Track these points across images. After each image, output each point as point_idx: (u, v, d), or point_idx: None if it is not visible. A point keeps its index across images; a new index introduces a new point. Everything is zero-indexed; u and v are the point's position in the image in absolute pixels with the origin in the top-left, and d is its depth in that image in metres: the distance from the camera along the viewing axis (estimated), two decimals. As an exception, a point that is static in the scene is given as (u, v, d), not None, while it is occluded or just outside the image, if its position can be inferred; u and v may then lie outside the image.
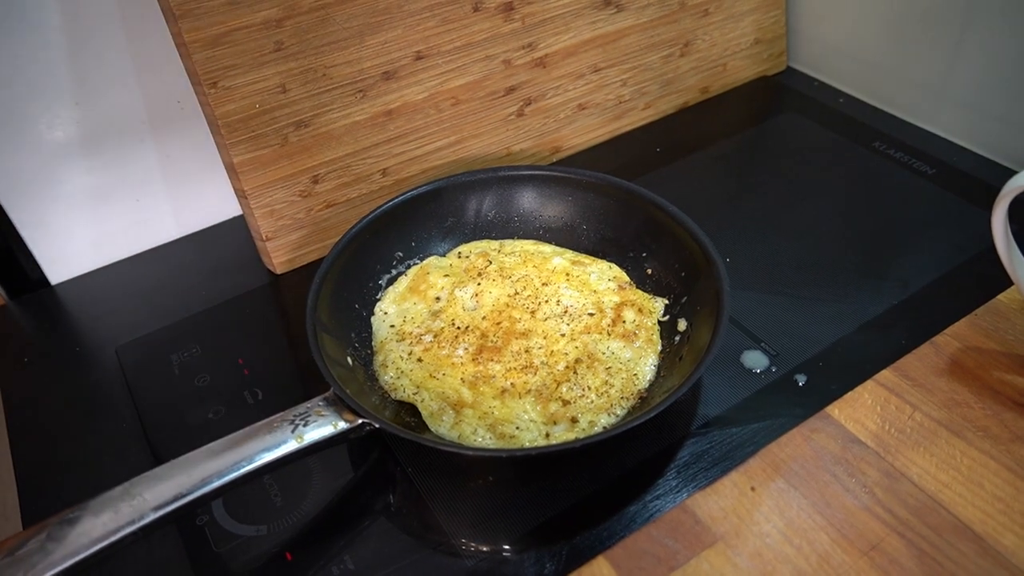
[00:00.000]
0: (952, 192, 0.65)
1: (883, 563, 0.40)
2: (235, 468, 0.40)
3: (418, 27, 0.60)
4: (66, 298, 0.63)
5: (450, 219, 0.60)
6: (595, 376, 0.49)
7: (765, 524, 0.42)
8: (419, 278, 0.57)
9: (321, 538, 0.44)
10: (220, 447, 0.41)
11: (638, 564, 0.41)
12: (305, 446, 0.42)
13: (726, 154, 0.73)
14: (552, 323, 0.53)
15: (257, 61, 0.55)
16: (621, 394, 0.49)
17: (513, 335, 0.52)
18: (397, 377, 0.50)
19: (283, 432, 0.42)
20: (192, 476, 0.39)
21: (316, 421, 0.43)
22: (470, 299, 0.55)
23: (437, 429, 0.47)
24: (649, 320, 0.53)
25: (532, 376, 0.50)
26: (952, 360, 0.50)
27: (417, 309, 0.55)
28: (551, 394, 0.49)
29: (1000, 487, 0.43)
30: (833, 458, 0.45)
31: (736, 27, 0.77)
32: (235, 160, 0.57)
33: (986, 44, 0.65)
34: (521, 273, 0.57)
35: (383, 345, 0.53)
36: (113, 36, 0.57)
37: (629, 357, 0.51)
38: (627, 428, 0.42)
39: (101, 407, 0.53)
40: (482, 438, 0.46)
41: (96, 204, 0.63)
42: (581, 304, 0.54)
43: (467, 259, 0.58)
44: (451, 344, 0.52)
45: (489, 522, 0.44)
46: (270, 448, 0.41)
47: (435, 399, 0.49)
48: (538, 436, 0.46)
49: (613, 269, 0.57)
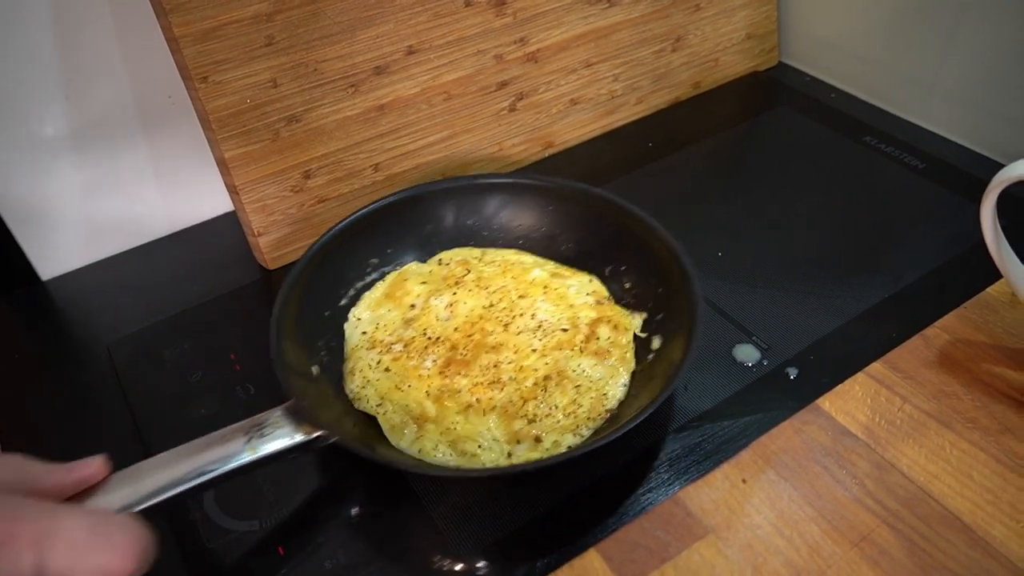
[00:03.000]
0: (942, 186, 0.65)
1: (873, 554, 0.40)
2: (186, 480, 0.38)
3: (410, 21, 0.60)
4: (57, 294, 0.63)
5: (428, 226, 0.59)
6: (563, 394, 0.48)
7: (756, 516, 0.42)
8: (396, 284, 0.56)
9: (314, 533, 0.44)
10: (171, 458, 0.39)
11: (630, 556, 0.41)
12: (259, 458, 0.40)
13: (718, 149, 0.73)
14: (525, 337, 0.51)
15: (248, 56, 0.55)
16: (588, 414, 0.47)
17: (483, 348, 0.51)
18: (363, 387, 0.49)
19: (236, 444, 0.40)
20: (139, 489, 0.38)
21: (272, 433, 0.41)
22: (444, 309, 0.54)
23: (398, 443, 0.46)
24: (624, 338, 0.52)
25: (499, 392, 0.48)
26: (942, 352, 0.50)
27: (391, 316, 0.54)
28: (517, 411, 0.47)
29: (989, 478, 0.43)
30: (824, 450, 0.45)
31: (728, 22, 0.77)
32: (226, 155, 0.57)
33: (976, 39, 0.65)
34: (499, 284, 0.55)
35: (353, 352, 0.52)
36: (103, 30, 0.57)
37: (600, 376, 0.49)
38: (590, 449, 0.42)
39: (92, 403, 0.53)
40: (443, 454, 0.45)
41: (87, 199, 0.62)
42: (556, 319, 0.52)
43: (447, 266, 0.57)
44: (420, 355, 0.50)
45: (481, 516, 0.44)
46: (222, 460, 0.40)
47: (398, 412, 0.47)
48: (499, 456, 0.45)
49: (593, 283, 0.56)
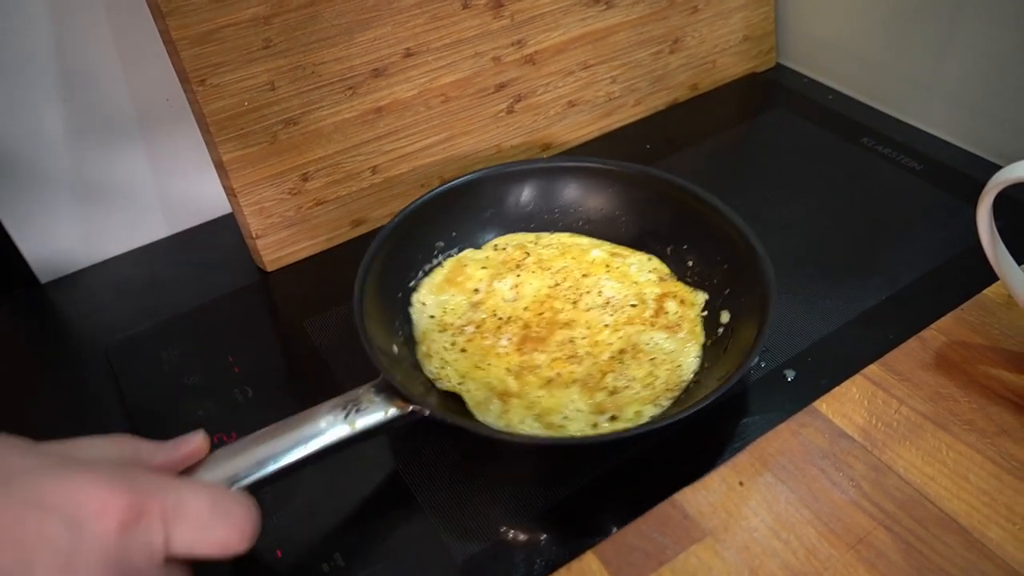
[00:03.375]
0: (939, 188, 0.65)
1: (870, 556, 0.40)
2: (285, 454, 0.39)
3: (407, 24, 0.60)
4: (55, 296, 0.63)
5: (490, 210, 0.60)
6: (640, 367, 0.49)
7: (753, 518, 0.42)
8: (456, 270, 0.57)
9: (311, 535, 0.44)
10: (271, 433, 0.40)
11: (627, 559, 0.41)
12: (358, 432, 0.41)
13: (716, 150, 0.73)
14: (595, 314, 0.53)
15: (245, 58, 0.55)
16: (666, 385, 0.49)
17: (556, 325, 0.52)
18: (441, 367, 0.50)
19: (336, 417, 0.41)
20: (247, 459, 0.39)
21: (367, 408, 0.42)
22: (509, 290, 0.55)
23: (484, 418, 0.47)
24: (691, 312, 0.53)
25: (577, 366, 0.50)
26: (938, 354, 0.50)
27: (456, 301, 0.55)
28: (596, 384, 0.49)
29: (985, 480, 0.43)
30: (820, 452, 0.45)
31: (725, 24, 0.78)
32: (224, 158, 0.57)
33: (974, 40, 0.66)
34: (560, 265, 0.57)
35: (425, 335, 0.53)
36: (101, 33, 0.57)
37: (673, 348, 0.51)
38: (678, 418, 0.42)
39: (90, 405, 0.53)
40: (530, 427, 0.46)
41: (85, 202, 0.62)
42: (623, 295, 0.54)
43: (504, 251, 0.58)
44: (494, 334, 0.52)
45: (478, 518, 0.44)
46: (322, 433, 0.41)
47: (480, 389, 0.49)
48: (585, 426, 0.46)
49: (652, 261, 0.58)
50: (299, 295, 0.61)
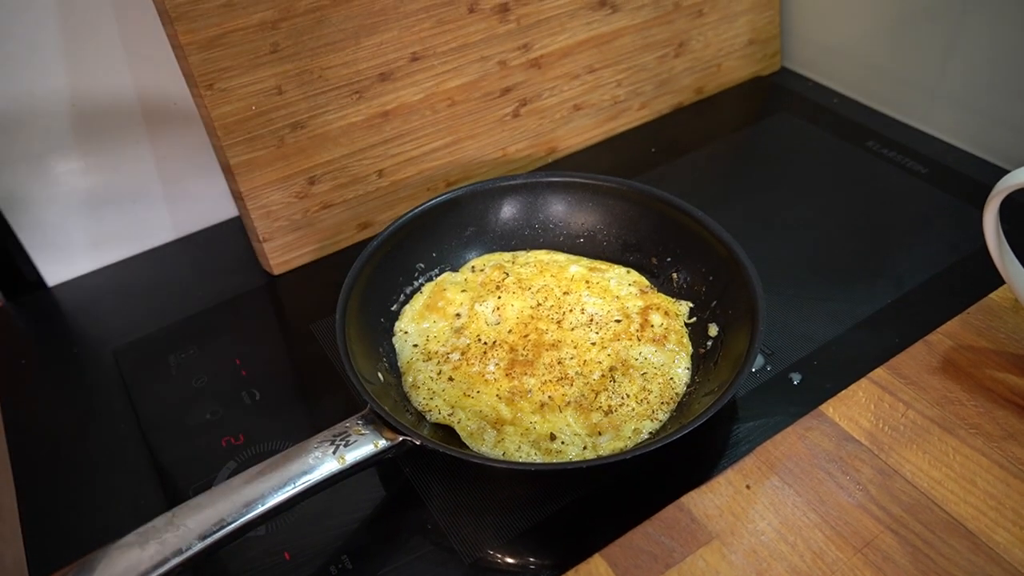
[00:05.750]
0: (945, 191, 0.65)
1: (877, 560, 0.40)
2: (277, 492, 0.39)
3: (414, 28, 0.60)
4: (63, 300, 0.63)
5: (471, 228, 0.59)
6: (632, 383, 0.49)
7: (760, 522, 0.42)
8: (435, 295, 0.56)
9: (319, 538, 0.44)
10: (259, 471, 0.40)
11: (634, 562, 0.41)
12: (348, 467, 0.41)
13: (721, 154, 0.73)
14: (580, 332, 0.52)
15: (253, 63, 0.55)
16: (661, 399, 0.48)
17: (543, 347, 0.51)
18: (430, 398, 0.49)
19: (324, 453, 0.40)
20: (234, 502, 0.38)
21: (356, 441, 0.41)
22: (491, 313, 0.54)
23: (479, 448, 0.46)
24: (676, 323, 0.53)
25: (569, 387, 0.49)
26: (945, 358, 0.50)
27: (438, 327, 0.54)
28: (591, 404, 0.48)
29: (992, 484, 0.43)
30: (827, 456, 0.45)
31: (730, 27, 0.78)
32: (232, 162, 0.57)
33: (979, 44, 0.66)
34: (540, 283, 0.56)
35: (410, 366, 0.52)
36: (109, 37, 0.57)
37: (663, 361, 0.50)
38: (677, 437, 0.42)
39: (99, 408, 0.53)
40: (526, 455, 0.46)
41: (93, 206, 0.63)
42: (606, 311, 0.53)
43: (482, 272, 0.57)
44: (481, 360, 0.51)
45: (486, 522, 0.44)
46: (311, 470, 0.40)
47: (472, 418, 0.48)
48: (583, 448, 0.46)
49: (632, 274, 0.57)
50: (306, 298, 0.61)
